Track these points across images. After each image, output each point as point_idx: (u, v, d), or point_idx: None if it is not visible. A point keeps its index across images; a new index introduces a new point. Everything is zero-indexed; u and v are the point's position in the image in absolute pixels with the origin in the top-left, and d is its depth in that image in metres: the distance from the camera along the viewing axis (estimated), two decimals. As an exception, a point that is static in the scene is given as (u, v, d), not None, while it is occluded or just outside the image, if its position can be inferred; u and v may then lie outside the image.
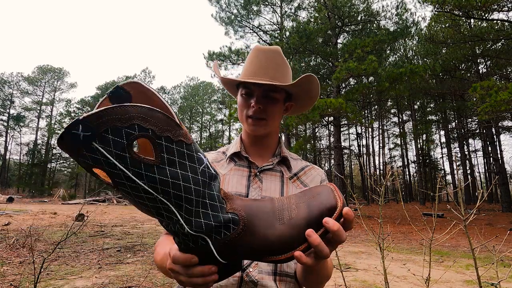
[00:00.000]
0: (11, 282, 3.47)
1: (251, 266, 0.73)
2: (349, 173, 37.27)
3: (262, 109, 0.82)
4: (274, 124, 0.86)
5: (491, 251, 1.62)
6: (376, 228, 7.71)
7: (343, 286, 2.44)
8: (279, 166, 0.89)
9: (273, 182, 0.85)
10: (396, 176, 2.51)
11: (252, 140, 0.90)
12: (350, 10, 14.70)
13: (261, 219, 0.46)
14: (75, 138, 0.32)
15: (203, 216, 0.41)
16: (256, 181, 0.83)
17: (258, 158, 0.89)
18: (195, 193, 0.40)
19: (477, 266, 1.35)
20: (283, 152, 0.91)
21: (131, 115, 0.34)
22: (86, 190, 37.31)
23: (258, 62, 0.84)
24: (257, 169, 0.85)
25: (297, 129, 28.21)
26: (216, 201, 0.44)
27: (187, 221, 0.40)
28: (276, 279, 0.74)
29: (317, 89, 0.87)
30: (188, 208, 0.40)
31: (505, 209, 15.15)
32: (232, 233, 0.44)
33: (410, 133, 30.00)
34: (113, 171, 0.34)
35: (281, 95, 0.84)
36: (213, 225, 0.42)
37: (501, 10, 12.42)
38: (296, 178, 0.88)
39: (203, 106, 40.89)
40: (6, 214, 10.12)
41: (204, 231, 0.42)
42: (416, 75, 11.86)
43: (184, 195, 0.39)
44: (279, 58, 0.85)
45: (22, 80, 39.50)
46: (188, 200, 0.39)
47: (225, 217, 0.44)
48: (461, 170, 25.90)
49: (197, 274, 0.46)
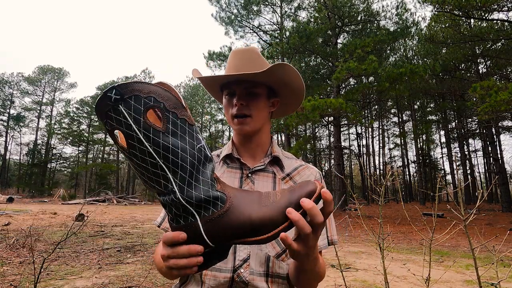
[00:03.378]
0: (11, 282, 3.48)
1: (242, 267, 0.73)
2: (349, 173, 37.27)
3: (245, 106, 0.81)
4: (260, 120, 0.84)
5: (491, 251, 1.62)
6: (376, 228, 7.71)
7: (343, 286, 2.44)
8: (271, 167, 0.87)
9: (265, 183, 0.84)
10: (396, 176, 2.51)
11: (242, 140, 0.89)
12: (350, 10, 14.71)
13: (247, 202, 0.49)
14: (108, 99, 0.41)
15: (195, 188, 0.46)
16: (248, 182, 0.83)
17: (250, 159, 0.89)
18: (190, 164, 0.45)
19: (477, 266, 1.35)
20: (274, 152, 0.89)
21: (150, 90, 0.43)
22: (86, 190, 37.30)
23: (233, 62, 0.85)
24: (249, 170, 0.84)
25: (297, 129, 28.20)
26: (208, 178, 0.48)
27: (180, 188, 0.45)
28: (268, 281, 0.73)
29: (298, 81, 0.84)
30: (183, 175, 0.45)
31: (505, 209, 15.16)
32: (219, 210, 0.47)
33: (410, 133, 30.02)
34: (129, 132, 0.42)
35: (262, 90, 0.84)
36: (203, 198, 0.46)
37: (501, 10, 12.42)
38: (289, 179, 0.87)
39: (203, 106, 40.87)
40: (6, 214, 10.12)
41: (194, 202, 0.45)
42: (416, 75, 11.86)
43: (180, 162, 0.44)
44: (254, 55, 0.85)
45: (22, 80, 39.50)
46: (183, 168, 0.44)
47: (214, 193, 0.47)
48: (461, 170, 25.91)
49: (183, 253, 0.46)
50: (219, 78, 0.84)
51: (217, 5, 16.58)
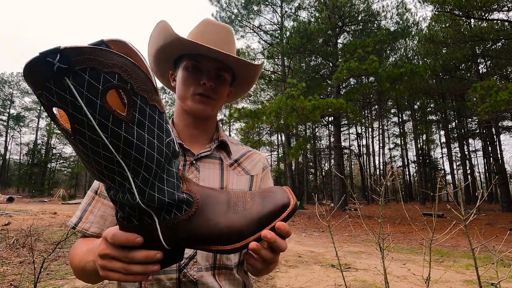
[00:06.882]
0: (11, 282, 3.48)
1: (189, 266, 0.66)
2: (349, 173, 37.26)
3: (213, 88, 0.73)
4: (219, 106, 0.78)
5: (491, 251, 1.62)
6: (376, 228, 7.69)
7: (343, 286, 2.45)
8: (217, 152, 0.80)
9: (212, 170, 0.76)
10: (396, 176, 2.51)
11: (189, 123, 0.78)
12: (351, 10, 14.71)
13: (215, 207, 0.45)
14: (48, 67, 0.29)
15: (158, 190, 0.39)
16: (193, 170, 0.74)
17: (194, 144, 0.79)
18: (156, 163, 0.37)
19: (477, 266, 1.35)
20: (221, 136, 0.81)
21: (115, 63, 0.32)
22: (86, 190, 37.28)
23: (211, 35, 0.74)
24: (193, 157, 0.75)
25: (297, 129, 28.23)
26: (174, 178, 0.41)
27: (140, 190, 0.37)
28: (215, 274, 0.69)
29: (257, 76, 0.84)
30: (146, 177, 0.37)
31: (505, 209, 15.15)
32: (184, 214, 0.42)
33: (410, 133, 30.01)
34: (77, 116, 0.31)
35: (229, 76, 0.78)
36: (166, 201, 0.40)
37: (501, 10, 12.42)
38: (237, 165, 0.81)
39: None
40: (6, 214, 10.12)
41: (156, 205, 0.39)
42: (417, 75, 11.86)
43: (145, 161, 0.36)
44: (231, 36, 0.79)
45: (22, 80, 39.44)
46: (147, 168, 0.36)
47: (180, 196, 0.41)
48: (461, 170, 25.91)
49: (139, 259, 0.41)
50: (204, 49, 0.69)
51: (217, 5, 16.59)
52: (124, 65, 0.32)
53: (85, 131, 0.32)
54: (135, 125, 0.34)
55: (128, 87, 0.33)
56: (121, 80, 0.32)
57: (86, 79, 0.30)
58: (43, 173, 38.62)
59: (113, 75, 0.32)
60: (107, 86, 0.31)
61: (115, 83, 0.32)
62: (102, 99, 0.31)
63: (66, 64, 0.29)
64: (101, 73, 0.31)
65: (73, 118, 0.31)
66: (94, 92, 0.31)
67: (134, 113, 0.34)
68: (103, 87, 0.31)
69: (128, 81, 0.33)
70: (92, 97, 0.31)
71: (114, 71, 0.32)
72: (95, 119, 0.31)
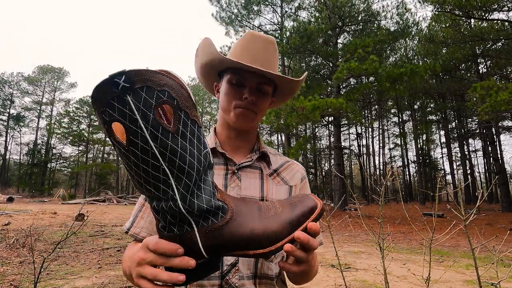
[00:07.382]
0: (11, 282, 3.48)
1: (231, 273, 0.69)
2: (349, 173, 37.27)
3: (254, 102, 0.76)
4: (260, 118, 0.82)
5: (491, 251, 1.62)
6: (376, 228, 7.68)
7: (343, 286, 2.44)
8: (258, 163, 0.83)
9: (252, 180, 0.79)
10: (396, 176, 2.51)
11: (231, 134, 0.82)
12: (351, 10, 14.71)
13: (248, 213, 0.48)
14: (114, 86, 0.35)
15: (197, 197, 0.43)
16: (234, 179, 0.77)
17: (235, 154, 0.82)
18: (196, 171, 0.42)
19: (477, 266, 1.35)
20: (262, 147, 0.84)
21: (165, 82, 0.38)
22: (86, 190, 37.29)
23: (253, 49, 0.77)
24: (235, 166, 0.78)
25: (297, 129, 28.21)
26: (210, 186, 0.45)
27: (182, 196, 0.41)
28: (256, 283, 0.71)
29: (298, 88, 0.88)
30: (187, 183, 0.41)
31: (505, 209, 15.15)
32: (220, 221, 0.45)
33: (410, 133, 30.01)
34: (132, 128, 0.36)
35: (270, 89, 0.80)
36: (205, 208, 0.43)
37: (501, 10, 12.42)
38: (276, 175, 0.83)
39: (203, 106, 40.88)
40: (6, 214, 10.12)
41: (195, 211, 0.42)
42: (417, 75, 11.86)
43: (187, 169, 0.40)
44: (275, 51, 0.81)
45: (22, 80, 39.50)
46: (189, 176, 0.41)
47: (216, 203, 0.45)
48: (461, 170, 25.90)
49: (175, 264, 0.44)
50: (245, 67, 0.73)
51: (217, 5, 16.58)
52: (172, 85, 0.39)
53: (138, 141, 0.37)
54: (179, 136, 0.39)
55: (175, 103, 0.39)
56: (169, 97, 0.38)
57: (142, 96, 0.36)
58: (43, 173, 38.62)
59: (163, 93, 0.38)
60: (159, 101, 0.37)
61: (165, 99, 0.38)
62: (154, 113, 0.37)
63: (129, 83, 0.35)
64: (154, 90, 0.37)
65: (129, 129, 0.37)
66: (148, 106, 0.36)
67: (178, 126, 0.39)
68: (156, 102, 0.37)
69: (175, 98, 0.39)
70: (147, 110, 0.36)
71: (164, 90, 0.38)
72: (147, 130, 0.37)
